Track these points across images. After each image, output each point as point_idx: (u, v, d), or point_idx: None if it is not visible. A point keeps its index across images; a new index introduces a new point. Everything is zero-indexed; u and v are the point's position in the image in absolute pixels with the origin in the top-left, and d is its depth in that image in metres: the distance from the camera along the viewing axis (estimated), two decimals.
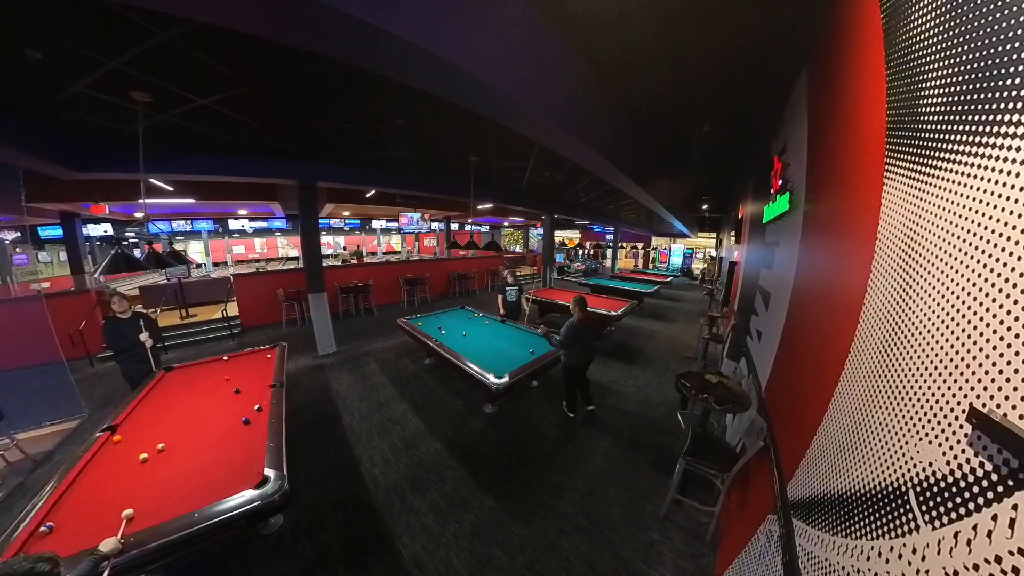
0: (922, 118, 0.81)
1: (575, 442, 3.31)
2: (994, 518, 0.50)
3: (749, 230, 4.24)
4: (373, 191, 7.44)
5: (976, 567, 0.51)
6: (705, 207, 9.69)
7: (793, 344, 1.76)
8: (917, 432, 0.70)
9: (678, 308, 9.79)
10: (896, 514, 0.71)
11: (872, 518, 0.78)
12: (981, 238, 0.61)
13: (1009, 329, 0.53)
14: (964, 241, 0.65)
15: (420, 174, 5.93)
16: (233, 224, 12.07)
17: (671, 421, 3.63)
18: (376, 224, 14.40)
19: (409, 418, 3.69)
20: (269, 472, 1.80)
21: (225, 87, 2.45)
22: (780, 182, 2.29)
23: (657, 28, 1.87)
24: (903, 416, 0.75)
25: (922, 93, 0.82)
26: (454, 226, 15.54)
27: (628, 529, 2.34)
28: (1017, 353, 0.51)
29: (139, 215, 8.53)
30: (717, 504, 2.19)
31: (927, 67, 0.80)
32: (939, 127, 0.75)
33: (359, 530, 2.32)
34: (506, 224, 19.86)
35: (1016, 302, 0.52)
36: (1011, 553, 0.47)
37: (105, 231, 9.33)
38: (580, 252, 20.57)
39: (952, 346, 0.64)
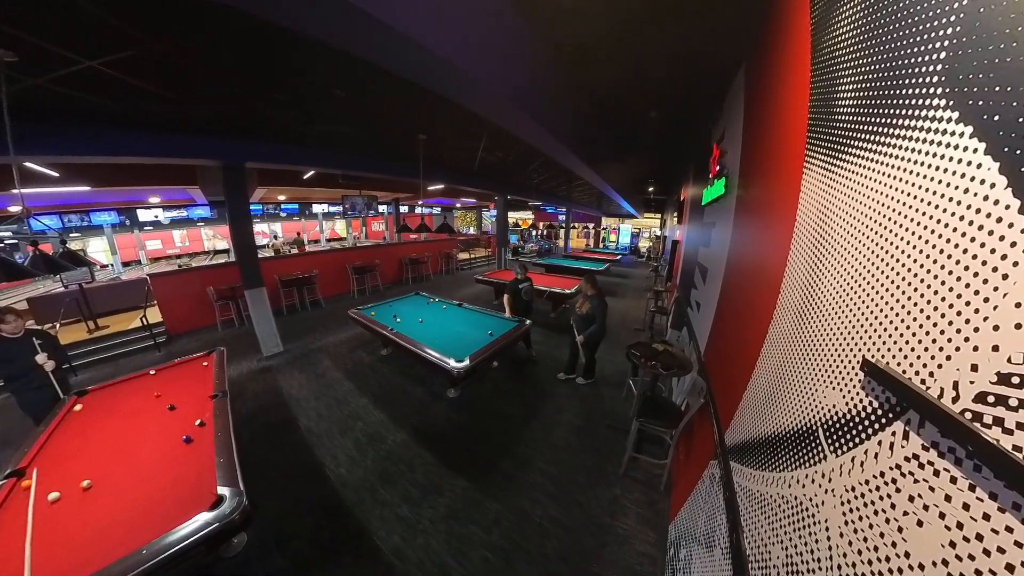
0: (836, 117, 0.95)
1: (539, 417, 3.48)
2: (879, 443, 0.64)
3: (690, 211, 4.62)
4: (312, 172, 6.73)
5: (867, 482, 0.66)
6: (651, 189, 10.27)
7: (727, 313, 2.00)
8: (824, 381, 0.86)
9: (627, 284, 10.48)
10: (809, 448, 0.87)
11: (791, 453, 0.95)
12: (875, 221, 0.74)
13: (892, 295, 0.66)
14: (863, 224, 0.79)
15: (364, 153, 5.48)
16: (143, 215, 10.03)
17: (624, 388, 3.97)
18: (317, 208, 13.08)
19: (371, 411, 3.58)
20: (223, 490, 1.66)
21: (118, 45, 1.99)
22: (718, 168, 2.52)
23: (610, 19, 1.89)
24: (813, 369, 0.92)
25: (838, 95, 0.95)
26: (404, 208, 14.77)
27: (593, 489, 2.57)
28: (897, 314, 0.64)
29: (15, 209, 6.75)
30: (668, 457, 2.48)
31: (843, 72, 0.92)
32: (849, 126, 0.88)
33: (332, 532, 2.26)
34: (458, 206, 19.33)
35: (898, 273, 0.65)
36: (891, 468, 0.61)
37: None
38: (534, 233, 20.85)
39: (851, 310, 0.79)
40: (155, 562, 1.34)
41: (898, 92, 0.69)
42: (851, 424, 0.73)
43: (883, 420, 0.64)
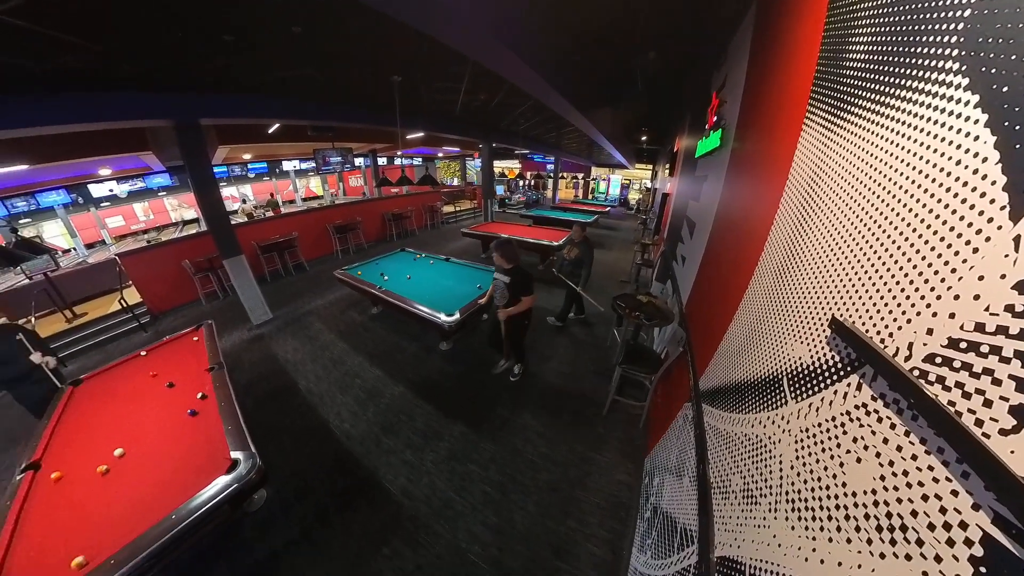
0: (844, 71, 0.88)
1: (528, 365, 3.66)
2: (835, 392, 0.71)
3: (682, 163, 4.46)
4: (276, 125, 6.10)
5: (819, 424, 0.74)
6: (644, 139, 9.74)
7: (710, 268, 2.05)
8: (793, 335, 0.92)
9: (615, 237, 10.45)
10: (773, 394, 0.96)
11: (757, 398, 1.05)
12: (865, 184, 0.74)
13: (868, 259, 0.69)
14: (851, 186, 0.79)
15: (334, 100, 4.95)
16: (97, 190, 8.97)
17: (608, 336, 4.17)
18: (288, 166, 12.12)
19: (367, 369, 3.71)
20: (236, 454, 1.76)
21: None
22: (715, 118, 2.37)
23: None
24: (785, 324, 0.97)
25: (850, 46, 0.87)
26: (382, 161, 13.84)
27: (579, 428, 2.82)
28: (870, 278, 0.67)
29: None
30: (647, 399, 2.71)
31: (860, 21, 0.84)
32: (855, 82, 0.82)
33: (344, 482, 2.46)
34: (440, 155, 18.19)
35: (877, 238, 0.67)
36: (841, 415, 0.68)
37: None
38: (521, 183, 20.05)
39: (828, 271, 0.82)
40: (185, 524, 1.46)
41: (914, 49, 0.64)
42: (813, 375, 0.80)
43: (841, 372, 0.71)
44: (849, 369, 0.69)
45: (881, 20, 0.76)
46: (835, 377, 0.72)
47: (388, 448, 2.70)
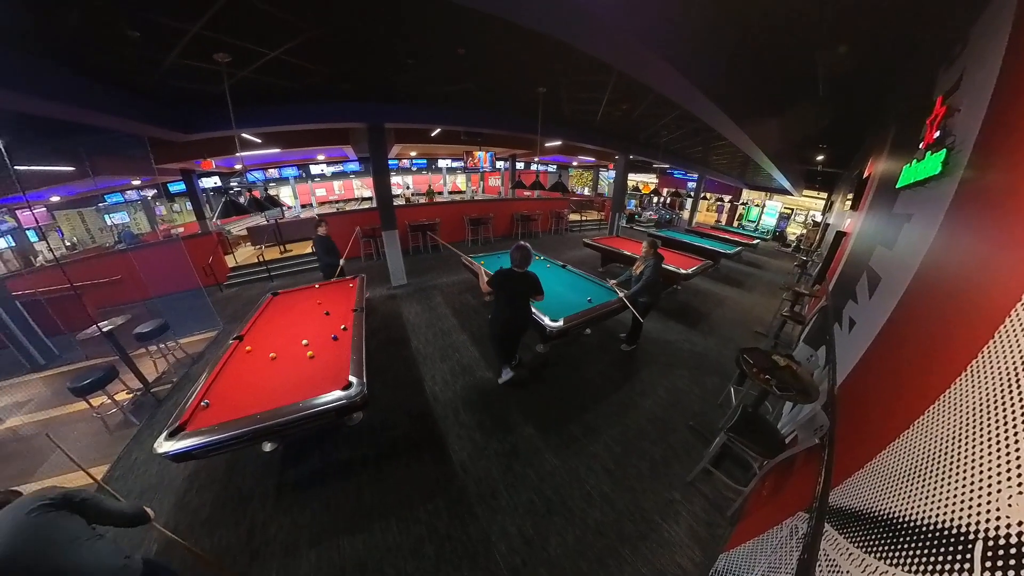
0: None
1: (619, 394, 3.40)
2: None
3: (874, 194, 3.33)
4: (438, 130, 7.35)
5: None
6: (819, 159, 7.62)
7: (893, 344, 1.48)
8: (1020, 484, 0.59)
9: (759, 276, 8.55)
10: (951, 558, 0.65)
11: (920, 552, 0.72)
12: None
13: None
14: None
15: (485, 109, 5.64)
16: (314, 169, 13.32)
17: (720, 393, 3.48)
18: (441, 163, 14.56)
19: (467, 347, 4.10)
20: (353, 379, 2.26)
21: (289, 35, 2.53)
22: (937, 134, 1.66)
23: None
24: (1010, 461, 0.64)
25: None
26: (520, 165, 14.91)
27: (652, 483, 2.47)
28: None
29: (238, 167, 9.80)
30: (748, 485, 2.16)
31: None
32: None
33: (420, 433, 2.84)
34: (575, 164, 18.41)
35: None
36: None
37: (215, 183, 10.55)
38: (655, 200, 18.48)
39: None
40: (306, 413, 2.00)
41: None
42: None
43: None
44: None
45: None
46: None
47: (463, 422, 2.95)
